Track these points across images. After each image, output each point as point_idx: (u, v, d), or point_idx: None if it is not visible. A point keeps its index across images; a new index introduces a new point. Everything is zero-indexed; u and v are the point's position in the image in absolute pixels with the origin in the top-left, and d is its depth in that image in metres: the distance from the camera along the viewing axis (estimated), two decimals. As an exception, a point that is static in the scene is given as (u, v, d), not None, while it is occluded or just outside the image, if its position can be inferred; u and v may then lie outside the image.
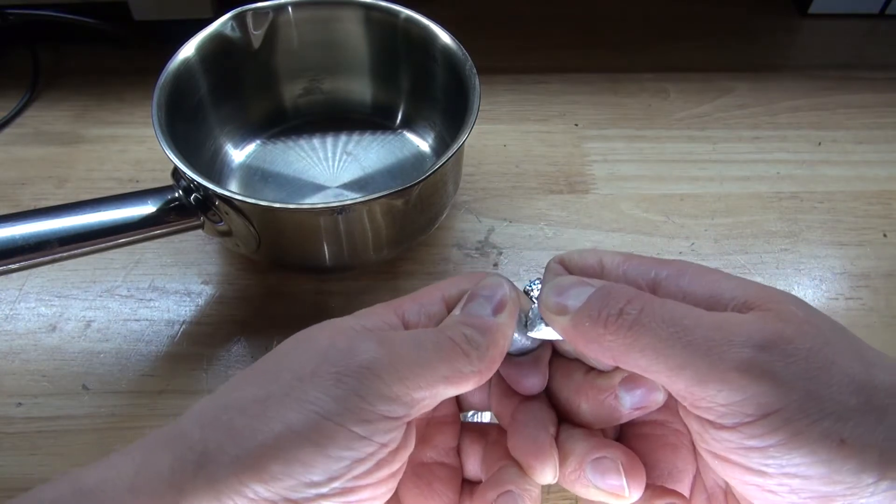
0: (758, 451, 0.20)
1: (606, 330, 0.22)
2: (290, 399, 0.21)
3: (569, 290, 0.24)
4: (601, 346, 0.22)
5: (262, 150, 0.50)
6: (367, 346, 0.22)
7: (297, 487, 0.20)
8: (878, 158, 0.53)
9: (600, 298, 0.23)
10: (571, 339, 0.24)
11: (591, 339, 0.23)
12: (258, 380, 0.23)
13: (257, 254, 0.42)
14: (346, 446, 0.21)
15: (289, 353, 0.24)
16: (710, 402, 0.21)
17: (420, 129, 0.51)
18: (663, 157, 0.53)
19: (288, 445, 0.20)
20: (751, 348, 0.20)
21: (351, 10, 0.47)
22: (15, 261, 0.35)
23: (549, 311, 0.24)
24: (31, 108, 0.54)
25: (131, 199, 0.38)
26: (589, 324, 0.23)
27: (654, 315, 0.22)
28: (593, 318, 0.22)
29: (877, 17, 0.65)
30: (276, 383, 0.22)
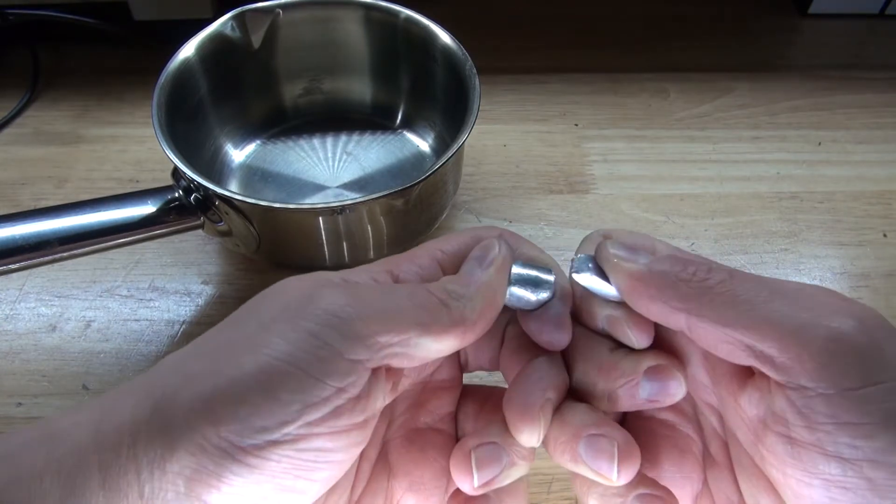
0: (850, 429, 0.19)
1: (691, 288, 0.22)
2: (246, 344, 0.21)
3: (638, 246, 0.23)
4: (668, 303, 0.22)
5: (262, 150, 0.50)
6: (331, 293, 0.21)
7: (245, 432, 0.19)
8: (878, 158, 0.53)
9: (679, 261, 0.23)
10: (634, 289, 0.23)
11: (663, 297, 0.22)
12: (226, 329, 0.22)
13: (257, 254, 0.42)
14: (296, 388, 0.20)
15: (259, 302, 0.23)
16: (808, 361, 0.20)
17: (420, 129, 0.51)
18: (663, 157, 0.53)
19: (237, 389, 0.19)
20: (857, 319, 0.20)
21: (351, 10, 0.47)
22: (15, 261, 0.35)
23: (619, 258, 0.23)
24: (31, 108, 0.54)
25: (131, 199, 0.38)
26: (665, 283, 0.22)
27: (747, 276, 0.21)
28: (679, 271, 0.22)
29: (877, 17, 0.65)
30: (239, 330, 0.22)
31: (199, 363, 0.21)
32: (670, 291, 0.22)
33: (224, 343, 0.21)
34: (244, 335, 0.21)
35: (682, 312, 0.22)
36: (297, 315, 0.21)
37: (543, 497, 0.36)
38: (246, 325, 0.22)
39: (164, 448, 0.19)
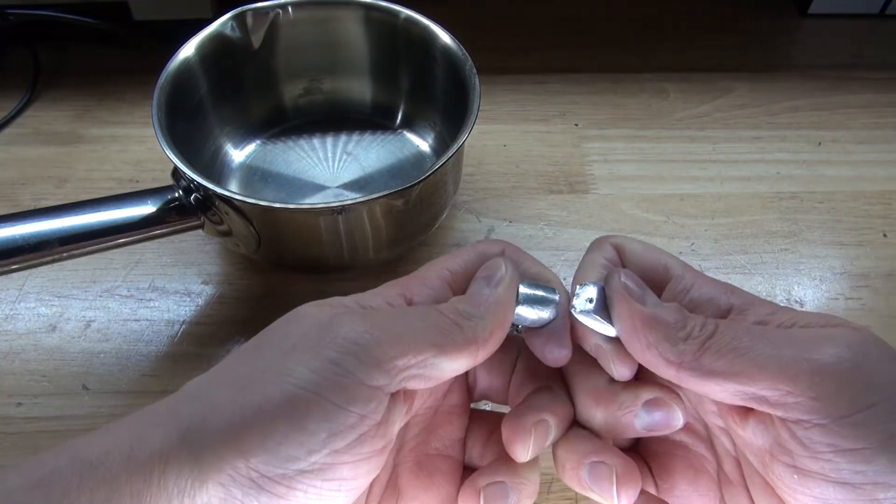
0: (850, 455, 0.20)
1: (688, 331, 0.22)
2: (269, 373, 0.21)
3: (649, 271, 0.25)
4: (672, 350, 0.22)
5: (262, 150, 0.50)
6: (348, 320, 0.22)
7: (274, 462, 0.20)
8: (878, 158, 0.53)
9: (682, 315, 0.23)
10: (634, 332, 0.23)
11: (666, 337, 0.23)
12: (247, 356, 0.23)
13: (257, 254, 0.42)
14: (322, 418, 0.20)
15: (278, 329, 0.23)
16: (799, 395, 0.20)
17: (420, 129, 0.51)
18: (663, 157, 0.53)
19: (264, 419, 0.20)
20: (842, 346, 0.21)
21: (351, 9, 0.47)
22: (15, 261, 0.35)
23: (630, 291, 0.24)
24: (31, 108, 0.54)
25: (131, 199, 0.38)
26: (672, 324, 0.23)
27: (734, 326, 0.22)
28: (679, 319, 0.23)
29: (877, 17, 0.65)
30: (261, 359, 0.22)
31: (224, 392, 0.21)
32: (666, 344, 0.22)
33: (247, 371, 0.22)
34: (266, 364, 0.21)
35: (672, 366, 0.23)
36: (317, 343, 0.21)
37: (543, 497, 0.36)
38: (267, 353, 0.22)
39: (194, 479, 0.20)
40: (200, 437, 0.20)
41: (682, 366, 0.22)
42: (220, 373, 0.23)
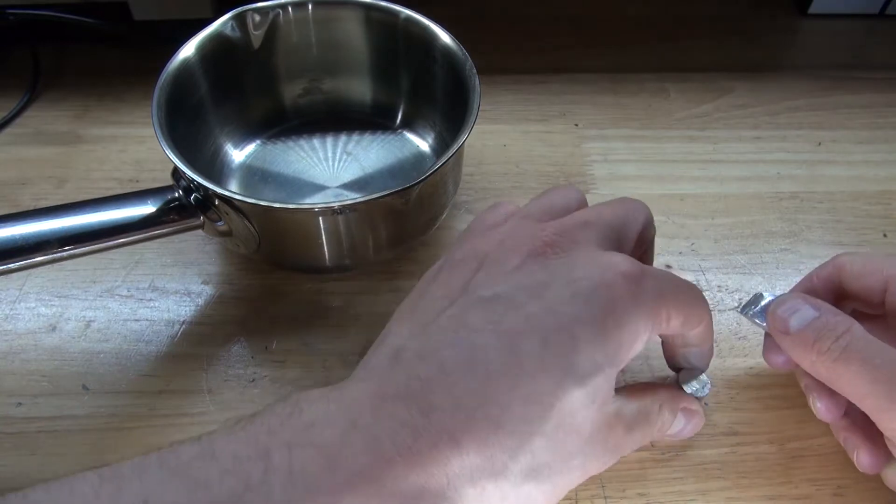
0: None
1: (817, 358, 0.29)
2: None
3: (795, 311, 0.30)
4: (809, 366, 0.29)
5: (262, 150, 0.50)
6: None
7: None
8: (878, 158, 0.53)
9: (816, 330, 0.29)
10: (788, 352, 0.31)
11: (801, 357, 0.30)
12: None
13: (257, 254, 0.42)
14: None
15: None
16: (885, 425, 0.27)
17: (420, 129, 0.51)
18: (663, 157, 0.53)
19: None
20: None
21: (351, 9, 0.47)
22: (15, 260, 0.35)
23: (774, 327, 0.31)
24: (31, 108, 0.54)
25: (131, 199, 0.38)
26: (803, 349, 0.29)
27: (854, 352, 0.28)
28: (807, 345, 0.29)
29: (877, 17, 0.65)
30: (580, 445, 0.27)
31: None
32: (804, 362, 0.30)
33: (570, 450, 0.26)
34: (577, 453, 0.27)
35: (813, 372, 0.30)
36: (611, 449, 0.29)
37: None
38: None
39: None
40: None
41: (822, 379, 0.30)
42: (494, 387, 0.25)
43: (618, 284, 0.26)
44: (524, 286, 0.26)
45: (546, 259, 0.27)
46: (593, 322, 0.25)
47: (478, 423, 0.24)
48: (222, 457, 0.22)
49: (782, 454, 0.37)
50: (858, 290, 0.33)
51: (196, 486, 0.21)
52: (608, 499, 0.36)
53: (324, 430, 0.23)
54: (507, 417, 0.24)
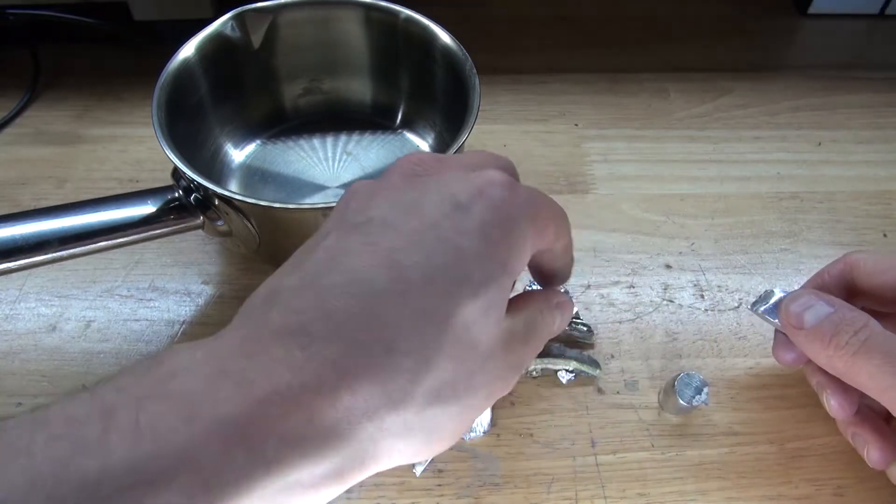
0: None
1: (835, 352, 0.28)
2: (487, 389, 0.25)
3: (809, 307, 0.30)
4: (825, 361, 0.29)
5: (261, 150, 0.50)
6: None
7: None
8: (878, 158, 0.53)
9: (833, 325, 0.29)
10: (801, 347, 0.31)
11: (817, 353, 0.29)
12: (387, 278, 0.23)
13: (258, 254, 0.42)
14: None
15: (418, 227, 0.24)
16: None
17: (420, 129, 0.51)
18: (663, 157, 0.53)
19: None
20: None
21: (351, 9, 0.47)
22: (15, 260, 0.35)
23: (788, 323, 0.31)
24: (31, 108, 0.54)
25: (131, 199, 0.38)
26: (819, 344, 0.29)
27: (874, 347, 0.27)
28: (824, 341, 0.29)
29: (877, 17, 0.65)
30: (477, 364, 0.24)
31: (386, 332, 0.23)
32: (819, 358, 0.30)
33: (467, 367, 0.24)
34: (481, 370, 0.24)
35: (829, 368, 0.30)
36: (504, 369, 0.26)
37: (543, 497, 0.36)
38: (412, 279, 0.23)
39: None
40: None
41: (839, 376, 0.29)
42: (349, 289, 0.22)
43: (496, 194, 0.24)
44: (398, 204, 0.24)
45: (417, 178, 0.25)
46: (479, 231, 0.23)
47: (367, 348, 0.21)
48: (54, 421, 0.19)
49: (782, 454, 0.37)
50: (872, 288, 0.33)
51: (15, 455, 0.18)
52: (608, 499, 0.36)
53: (185, 379, 0.20)
54: (400, 337, 0.21)
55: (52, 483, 0.17)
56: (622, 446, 0.38)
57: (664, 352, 0.41)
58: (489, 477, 0.36)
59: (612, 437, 0.38)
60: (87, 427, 0.19)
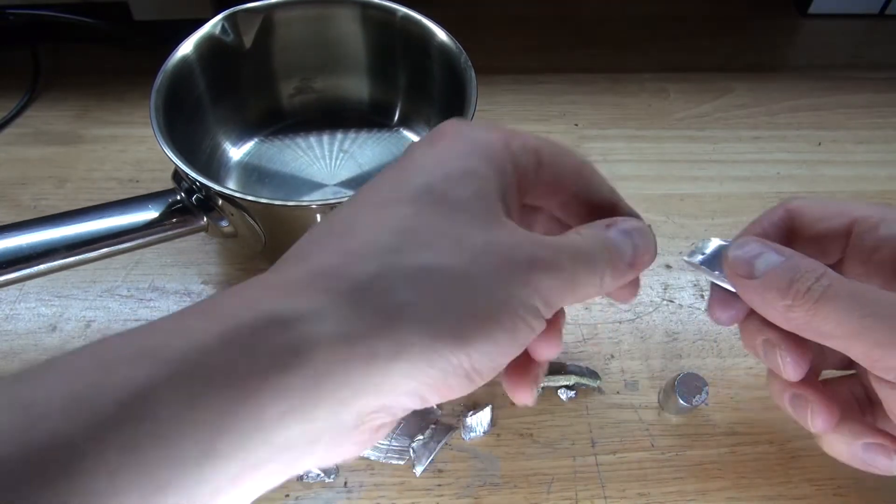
0: None
1: (794, 301, 0.24)
2: (476, 283, 0.22)
3: (758, 256, 0.26)
4: (780, 313, 0.25)
5: (259, 149, 0.50)
6: (530, 252, 0.23)
7: (487, 363, 0.22)
8: (878, 158, 0.53)
9: (790, 271, 0.25)
10: (750, 301, 0.26)
11: (770, 304, 0.25)
12: (422, 227, 0.23)
13: (263, 254, 0.42)
14: (523, 335, 0.22)
15: (438, 185, 0.23)
16: (886, 363, 0.23)
17: (417, 126, 0.51)
18: (663, 157, 0.53)
19: (487, 328, 0.21)
20: None
21: (347, 8, 0.47)
22: (21, 268, 0.35)
23: (735, 272, 0.26)
24: (31, 108, 0.54)
25: (134, 205, 0.38)
26: (775, 293, 0.25)
27: (839, 291, 0.24)
28: (781, 289, 0.25)
29: (877, 17, 0.65)
30: (452, 254, 0.22)
31: (424, 282, 0.21)
32: (774, 312, 0.25)
33: (439, 266, 0.22)
34: (460, 265, 0.22)
35: (787, 327, 0.25)
36: (510, 272, 0.22)
37: (543, 497, 0.36)
38: (448, 246, 0.22)
39: (419, 362, 0.20)
40: (413, 320, 0.21)
41: (795, 328, 0.25)
42: (410, 249, 0.22)
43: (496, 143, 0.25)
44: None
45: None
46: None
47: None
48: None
49: (782, 454, 0.37)
50: (817, 235, 0.29)
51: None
52: (608, 499, 0.36)
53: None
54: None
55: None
56: (622, 446, 0.38)
57: (664, 352, 0.41)
58: (489, 477, 0.36)
59: (612, 437, 0.38)
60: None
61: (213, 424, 0.18)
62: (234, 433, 0.18)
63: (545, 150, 0.26)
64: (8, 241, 0.35)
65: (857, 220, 0.27)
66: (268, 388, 0.19)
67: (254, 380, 0.19)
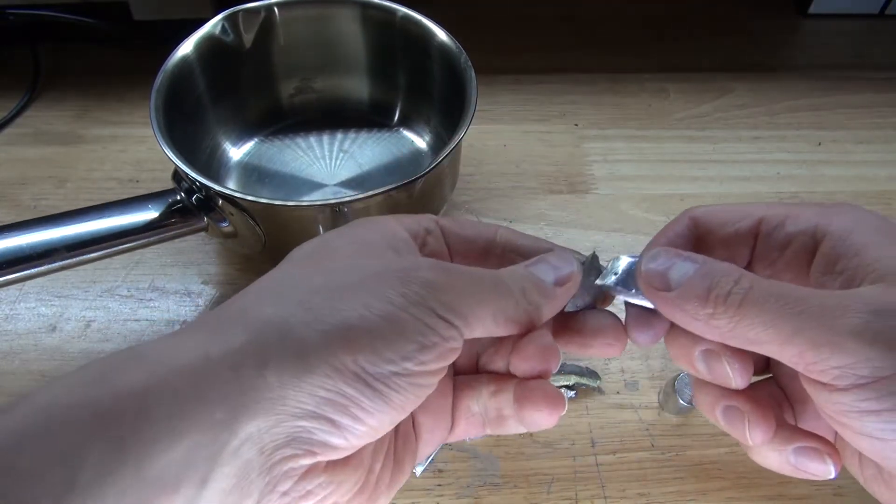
0: (873, 415, 0.21)
1: (716, 308, 0.23)
2: (365, 290, 0.23)
3: (671, 266, 0.24)
4: (703, 323, 0.23)
5: (259, 149, 0.50)
6: (426, 266, 0.24)
7: (377, 362, 0.21)
8: (878, 158, 0.53)
9: (707, 277, 0.23)
10: (670, 314, 0.24)
11: (692, 314, 0.23)
12: (320, 270, 0.24)
13: (263, 254, 0.42)
14: (416, 331, 0.22)
15: (344, 248, 0.25)
16: (823, 365, 0.21)
17: (417, 126, 0.51)
18: (663, 157, 0.53)
19: (370, 325, 0.22)
20: (866, 313, 0.21)
21: (347, 8, 0.47)
22: (22, 269, 0.35)
23: (651, 286, 0.24)
24: (31, 108, 0.54)
25: (134, 205, 0.38)
26: (695, 303, 0.23)
27: (763, 293, 0.22)
28: (701, 298, 0.23)
29: (877, 17, 0.65)
30: (346, 276, 0.23)
31: (320, 300, 0.22)
32: (698, 323, 0.24)
33: (336, 284, 0.23)
34: (353, 280, 0.23)
35: (713, 337, 0.24)
36: (402, 276, 0.23)
37: (543, 497, 0.36)
38: (346, 271, 0.24)
39: (300, 369, 0.21)
40: (305, 337, 0.21)
41: (721, 337, 0.23)
42: (296, 282, 0.23)
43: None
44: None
45: None
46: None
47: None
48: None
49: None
50: (725, 239, 0.28)
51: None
52: (608, 499, 0.36)
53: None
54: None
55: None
56: (622, 446, 0.38)
57: (664, 352, 0.41)
58: (489, 477, 0.36)
59: (612, 437, 0.38)
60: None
61: (71, 456, 0.18)
62: (95, 465, 0.18)
63: (443, 220, 0.28)
64: (8, 241, 0.35)
65: (763, 220, 0.26)
66: (127, 411, 0.19)
67: (111, 409, 0.19)
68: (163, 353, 0.21)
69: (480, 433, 0.27)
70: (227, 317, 0.22)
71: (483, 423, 0.27)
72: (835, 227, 0.24)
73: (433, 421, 0.27)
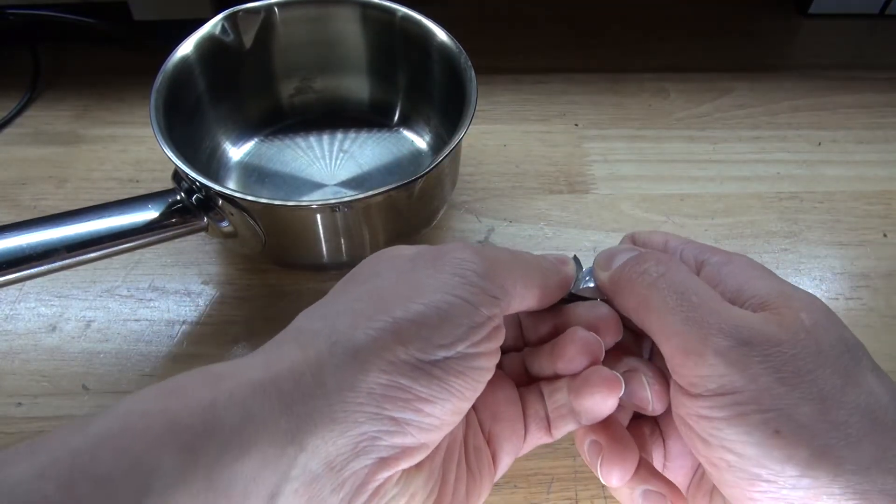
0: (707, 421, 0.23)
1: (631, 283, 0.26)
2: (406, 285, 0.24)
3: (618, 253, 0.28)
4: (623, 296, 0.27)
5: (259, 149, 0.50)
6: (458, 248, 0.25)
7: (428, 349, 0.22)
8: (878, 158, 0.53)
9: (635, 259, 0.27)
10: (606, 290, 0.28)
11: (619, 287, 0.27)
12: (359, 284, 0.25)
13: (263, 254, 0.42)
14: (462, 313, 0.23)
15: (376, 265, 0.26)
16: (685, 369, 0.24)
17: (417, 126, 0.51)
18: (663, 157, 0.53)
19: (418, 314, 0.23)
20: (734, 340, 0.23)
21: (347, 8, 0.47)
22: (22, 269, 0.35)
23: (598, 266, 0.28)
24: (31, 108, 0.54)
25: (134, 205, 0.38)
26: (621, 276, 0.27)
27: (670, 282, 0.25)
28: (625, 272, 0.26)
29: (877, 17, 0.65)
30: (384, 280, 0.25)
31: (363, 305, 0.23)
32: (619, 295, 0.27)
33: (374, 294, 0.24)
34: (392, 285, 0.24)
35: (626, 306, 0.27)
36: (437, 265, 0.24)
37: (543, 497, 0.36)
38: (383, 280, 0.25)
39: (355, 369, 0.21)
40: (353, 340, 0.22)
41: (630, 311, 0.26)
42: (338, 300, 0.25)
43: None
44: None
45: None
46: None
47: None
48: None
49: (782, 454, 0.37)
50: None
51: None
52: (608, 499, 0.36)
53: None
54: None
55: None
56: (622, 446, 0.38)
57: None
58: (489, 477, 0.36)
59: (611, 437, 0.38)
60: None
61: (146, 463, 0.19)
62: (169, 472, 0.19)
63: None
64: (8, 241, 0.35)
65: (671, 250, 0.29)
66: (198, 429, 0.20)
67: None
68: (230, 370, 0.22)
69: (547, 438, 0.28)
70: (282, 338, 0.24)
71: (548, 426, 0.28)
72: (715, 260, 0.27)
73: (509, 430, 0.28)
